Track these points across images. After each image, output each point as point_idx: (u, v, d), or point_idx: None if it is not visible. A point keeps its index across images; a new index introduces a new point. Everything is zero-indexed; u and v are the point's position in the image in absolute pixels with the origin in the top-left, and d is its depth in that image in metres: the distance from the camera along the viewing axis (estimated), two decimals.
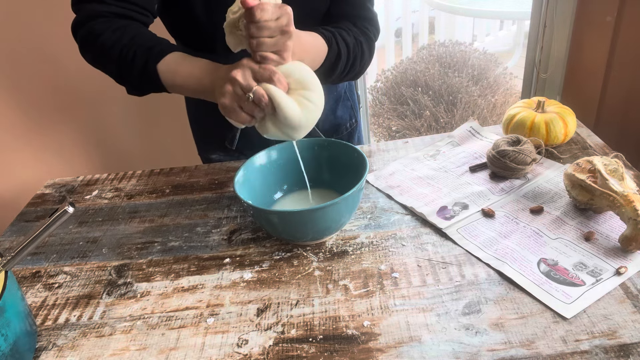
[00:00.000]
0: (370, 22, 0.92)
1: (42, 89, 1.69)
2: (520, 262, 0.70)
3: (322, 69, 0.84)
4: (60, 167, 1.84)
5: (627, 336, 0.58)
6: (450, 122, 2.46)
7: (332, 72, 0.87)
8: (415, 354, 0.59)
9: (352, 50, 0.87)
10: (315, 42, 0.81)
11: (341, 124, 1.13)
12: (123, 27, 0.79)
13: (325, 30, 0.84)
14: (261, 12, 0.64)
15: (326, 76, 0.87)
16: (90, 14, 0.80)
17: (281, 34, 0.68)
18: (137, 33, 0.79)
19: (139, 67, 0.77)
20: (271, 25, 0.66)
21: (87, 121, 1.79)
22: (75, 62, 1.63)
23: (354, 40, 0.87)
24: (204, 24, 0.87)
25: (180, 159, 1.38)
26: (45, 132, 1.78)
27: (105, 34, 0.78)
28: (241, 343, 0.64)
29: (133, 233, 0.88)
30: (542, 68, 1.47)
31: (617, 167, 0.75)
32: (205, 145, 1.14)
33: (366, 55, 0.91)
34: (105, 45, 0.78)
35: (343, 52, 0.85)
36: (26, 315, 0.66)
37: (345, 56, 0.86)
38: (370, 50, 0.92)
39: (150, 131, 1.84)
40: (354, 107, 1.15)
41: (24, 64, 1.64)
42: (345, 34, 0.86)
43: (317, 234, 0.77)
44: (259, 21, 0.65)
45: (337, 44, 0.84)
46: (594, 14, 1.31)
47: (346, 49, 0.86)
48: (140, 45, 0.77)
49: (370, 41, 0.92)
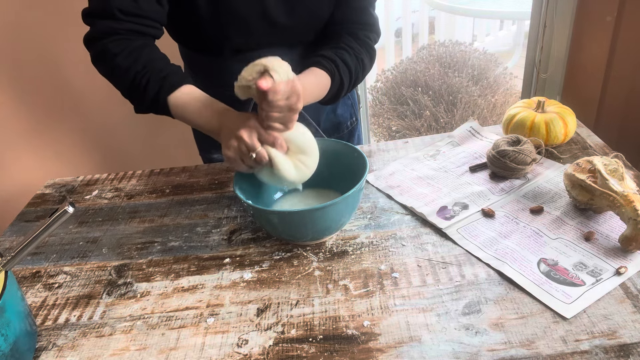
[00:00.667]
0: (372, 28, 0.94)
1: (42, 89, 1.69)
2: (520, 262, 0.70)
3: (326, 98, 0.88)
4: (61, 167, 1.84)
5: (627, 336, 0.58)
6: (450, 122, 2.46)
7: (337, 98, 0.91)
8: (415, 354, 0.59)
9: (355, 71, 0.90)
10: (318, 81, 0.84)
11: (342, 122, 1.13)
12: (138, 49, 0.80)
13: (326, 60, 0.86)
14: (274, 95, 0.68)
15: (330, 102, 0.91)
16: (105, 30, 0.80)
17: (289, 110, 0.71)
18: (150, 59, 0.81)
19: (151, 96, 0.80)
20: (281, 105, 0.70)
21: (87, 121, 1.79)
22: (75, 62, 1.64)
23: (356, 60, 0.90)
24: (210, 27, 0.87)
25: (180, 159, 1.38)
26: (45, 132, 1.78)
27: (120, 56, 0.79)
28: (241, 343, 0.64)
29: (133, 233, 0.88)
30: (542, 68, 1.47)
31: (617, 167, 0.75)
32: (206, 145, 1.14)
33: (367, 68, 0.94)
34: (119, 67, 0.80)
35: (346, 79, 0.88)
36: (26, 315, 0.66)
37: (348, 81, 0.89)
38: (371, 60, 0.94)
39: (151, 131, 1.84)
40: (354, 106, 1.16)
41: (24, 64, 1.64)
42: (347, 56, 0.88)
43: (317, 234, 0.77)
44: (271, 102, 0.68)
45: (340, 74, 0.87)
46: (594, 14, 1.31)
47: (348, 75, 0.88)
48: (153, 74, 0.79)
49: (371, 51, 0.94)
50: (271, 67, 0.69)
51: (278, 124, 0.72)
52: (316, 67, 0.85)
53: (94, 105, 1.75)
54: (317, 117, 1.06)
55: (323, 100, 0.88)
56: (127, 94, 0.84)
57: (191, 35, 0.93)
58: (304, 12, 0.89)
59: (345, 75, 0.88)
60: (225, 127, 0.76)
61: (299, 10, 0.88)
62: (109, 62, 0.81)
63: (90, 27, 0.82)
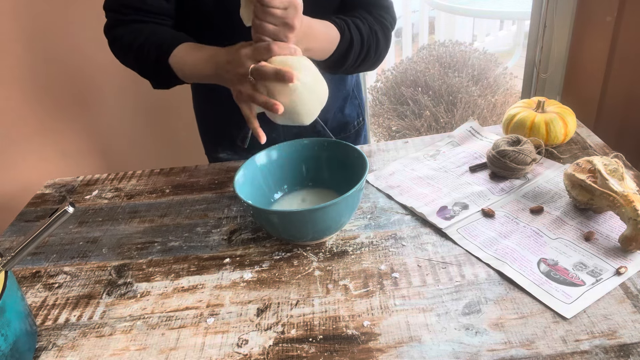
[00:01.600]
0: (387, 10, 0.91)
1: (42, 89, 1.69)
2: (520, 262, 0.70)
3: (334, 57, 0.84)
4: (60, 167, 1.84)
5: (627, 336, 0.58)
6: (450, 122, 2.46)
7: (345, 60, 0.87)
8: (415, 354, 0.59)
9: (367, 39, 0.86)
10: (327, 30, 0.81)
11: (349, 122, 1.13)
12: (139, 28, 0.85)
13: (338, 18, 0.84)
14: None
15: (339, 65, 0.87)
16: (113, 22, 0.88)
17: (283, 25, 0.68)
18: (151, 32, 0.84)
19: (153, 63, 0.82)
20: (276, 13, 0.67)
21: (87, 121, 1.79)
22: (76, 62, 1.64)
23: (369, 29, 0.87)
24: (214, 16, 0.87)
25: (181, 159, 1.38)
26: (45, 132, 1.78)
27: (125, 37, 0.86)
28: (241, 343, 0.64)
29: (133, 233, 0.88)
30: (542, 68, 1.47)
31: (617, 167, 0.75)
32: (213, 145, 1.14)
33: (382, 44, 0.90)
34: (124, 46, 0.86)
35: (356, 41, 0.85)
36: (26, 315, 0.66)
37: (359, 45, 0.86)
38: (386, 39, 0.91)
39: (151, 131, 1.84)
40: (361, 106, 1.16)
41: (25, 64, 1.64)
42: (360, 23, 0.86)
43: (317, 234, 0.77)
44: (267, 5, 0.66)
45: (350, 32, 0.84)
46: (594, 14, 1.31)
47: (360, 38, 0.85)
48: (152, 43, 0.82)
49: (386, 30, 0.91)
50: None
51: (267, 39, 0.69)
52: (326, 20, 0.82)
53: (94, 105, 1.75)
54: (324, 116, 1.06)
55: (329, 60, 0.84)
56: (138, 70, 0.87)
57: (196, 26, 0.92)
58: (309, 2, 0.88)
59: (356, 36, 0.84)
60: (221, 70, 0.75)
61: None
62: (118, 44, 0.87)
63: (106, 18, 0.90)
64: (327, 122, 1.07)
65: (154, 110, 1.77)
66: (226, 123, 1.04)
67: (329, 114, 1.08)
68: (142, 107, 1.77)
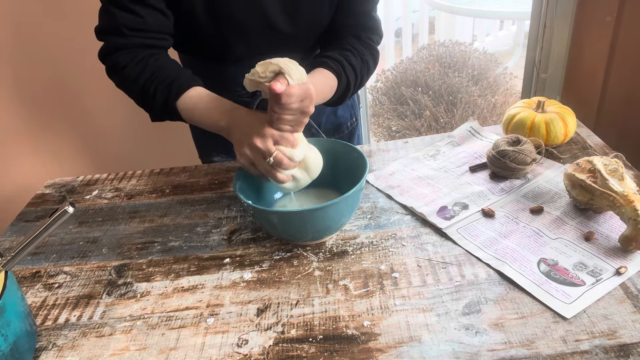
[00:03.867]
0: (375, 31, 0.93)
1: (43, 89, 1.69)
2: (520, 262, 0.70)
3: (333, 99, 0.87)
4: (61, 167, 1.84)
5: (627, 336, 0.58)
6: (450, 122, 2.46)
7: (343, 99, 0.91)
8: (415, 354, 0.59)
9: (360, 72, 0.89)
10: (326, 81, 0.84)
11: (342, 123, 1.14)
12: (145, 59, 0.82)
13: (333, 61, 0.86)
14: (288, 98, 0.67)
15: (336, 103, 0.91)
16: (114, 45, 0.83)
17: (301, 114, 0.71)
18: (158, 66, 0.82)
19: (160, 103, 0.81)
20: (294, 107, 0.69)
21: (87, 121, 1.79)
22: (76, 62, 1.64)
23: (361, 61, 0.89)
24: (210, 36, 0.87)
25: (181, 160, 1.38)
26: (45, 132, 1.78)
27: (129, 67, 0.82)
28: (241, 343, 0.64)
29: (133, 233, 0.88)
30: (542, 68, 1.47)
31: (617, 167, 0.75)
32: (206, 149, 1.14)
33: (371, 69, 0.94)
34: (129, 78, 0.82)
35: (352, 80, 0.88)
36: (26, 315, 0.66)
37: (354, 82, 0.89)
38: (375, 61, 0.94)
39: (151, 132, 1.83)
40: (354, 106, 1.16)
41: (25, 64, 1.64)
42: (352, 58, 0.88)
43: (317, 234, 0.77)
44: (284, 104, 0.68)
45: (346, 75, 0.86)
46: (594, 14, 1.31)
47: (354, 76, 0.88)
48: (161, 82, 0.80)
49: (374, 52, 0.94)
50: (286, 70, 0.68)
51: (288, 126, 0.72)
52: (323, 67, 0.84)
53: (94, 105, 1.75)
54: (317, 119, 1.06)
55: (330, 102, 0.88)
56: (140, 103, 0.85)
57: (192, 43, 0.93)
58: (305, 19, 0.89)
59: (352, 76, 0.88)
60: (235, 126, 0.76)
61: (299, 17, 0.88)
62: (119, 74, 0.83)
63: (103, 42, 0.85)
64: (320, 124, 1.07)
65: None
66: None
67: (322, 116, 1.09)
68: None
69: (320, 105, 0.83)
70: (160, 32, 0.84)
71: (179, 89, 0.80)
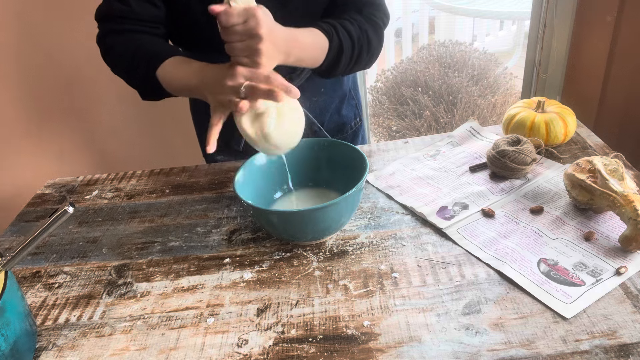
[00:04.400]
0: (377, 7, 0.90)
1: (43, 89, 1.69)
2: (520, 262, 0.70)
3: (325, 63, 0.84)
4: (61, 167, 1.84)
5: (627, 336, 0.58)
6: (450, 122, 2.46)
7: (337, 65, 0.86)
8: (415, 354, 0.59)
9: (357, 40, 0.85)
10: (314, 39, 0.80)
11: (346, 123, 1.13)
12: (132, 39, 0.85)
13: (325, 24, 0.83)
14: (226, 17, 0.66)
15: (332, 69, 0.87)
16: (107, 31, 0.88)
17: (250, 37, 0.67)
18: (141, 43, 0.85)
19: (142, 75, 0.83)
20: (238, 30, 0.67)
21: (87, 121, 1.79)
22: (76, 62, 1.64)
23: (359, 29, 0.86)
24: (203, 25, 0.87)
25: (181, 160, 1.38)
26: (45, 132, 1.78)
27: (117, 48, 0.86)
28: (241, 343, 0.64)
29: (133, 233, 0.88)
30: (542, 68, 1.47)
31: (617, 167, 0.75)
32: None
33: (374, 43, 0.89)
34: (115, 57, 0.87)
35: (346, 45, 0.84)
36: (26, 315, 0.66)
37: (350, 49, 0.85)
38: (378, 37, 0.90)
39: (151, 131, 1.84)
40: (358, 106, 1.15)
41: (25, 63, 1.64)
42: (349, 25, 0.85)
43: (317, 234, 0.77)
44: (226, 26, 0.66)
45: (339, 37, 0.83)
46: (594, 14, 1.31)
47: (350, 42, 0.84)
48: (142, 55, 0.83)
49: (377, 28, 0.90)
50: None
51: (245, 58, 0.69)
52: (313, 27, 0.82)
53: (94, 105, 1.75)
54: (321, 118, 1.06)
55: (322, 67, 0.84)
56: (128, 81, 0.87)
57: (186, 34, 0.93)
58: (299, 4, 0.87)
59: (346, 41, 0.84)
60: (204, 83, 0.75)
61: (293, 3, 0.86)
62: (110, 55, 0.87)
63: (98, 28, 0.89)
64: (323, 123, 1.07)
65: (154, 110, 1.77)
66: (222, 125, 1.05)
67: (326, 115, 1.08)
68: (143, 107, 1.76)
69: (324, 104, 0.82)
70: (150, 22, 0.87)
71: (157, 59, 0.81)
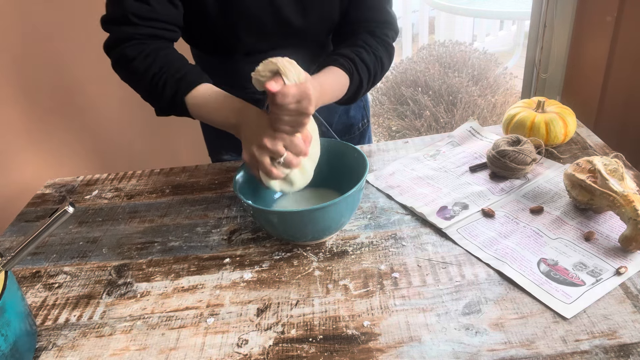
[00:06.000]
0: (390, 26, 0.92)
1: (43, 89, 1.69)
2: (520, 262, 0.70)
3: (345, 97, 0.86)
4: (61, 167, 1.84)
5: (627, 336, 0.58)
6: (450, 122, 2.46)
7: (355, 98, 0.89)
8: (415, 354, 0.59)
9: (373, 69, 0.88)
10: (337, 80, 0.82)
11: (354, 124, 1.13)
12: (154, 52, 0.80)
13: (345, 59, 0.84)
14: (283, 98, 0.66)
15: (348, 102, 0.89)
16: (121, 36, 0.81)
17: (299, 115, 0.69)
18: (167, 61, 0.81)
19: (169, 97, 0.80)
20: (291, 108, 0.68)
21: (87, 121, 1.79)
22: (76, 62, 1.64)
23: (374, 58, 0.88)
24: (220, 28, 0.87)
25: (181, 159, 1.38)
26: (45, 132, 1.77)
27: (137, 60, 0.80)
28: (241, 343, 0.64)
29: (133, 233, 0.88)
30: (542, 68, 1.47)
31: (617, 167, 0.75)
32: (217, 147, 1.14)
33: (386, 66, 0.92)
34: (137, 71, 0.80)
35: (364, 78, 0.86)
36: (26, 315, 0.66)
37: (367, 80, 0.87)
38: (389, 58, 0.92)
39: (151, 131, 1.84)
40: (365, 107, 1.16)
41: (25, 63, 1.64)
42: (365, 54, 0.86)
43: (317, 234, 0.77)
44: (280, 105, 0.67)
45: (359, 73, 0.85)
46: (594, 14, 1.31)
47: (367, 74, 0.87)
48: (170, 76, 0.79)
49: (390, 48, 0.92)
50: (283, 70, 0.67)
51: (287, 127, 0.71)
52: (334, 65, 0.83)
53: (94, 105, 1.75)
54: (329, 119, 1.06)
55: (341, 100, 0.86)
56: (147, 97, 0.84)
57: (202, 36, 0.92)
58: (316, 12, 0.88)
59: (364, 74, 0.86)
60: (245, 124, 0.74)
61: (310, 10, 0.87)
62: (126, 66, 0.81)
63: (109, 34, 0.82)
64: (331, 124, 1.07)
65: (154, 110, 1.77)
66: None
67: (334, 116, 1.08)
68: (143, 107, 1.76)
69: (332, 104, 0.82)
70: (168, 23, 0.83)
71: (189, 84, 0.79)
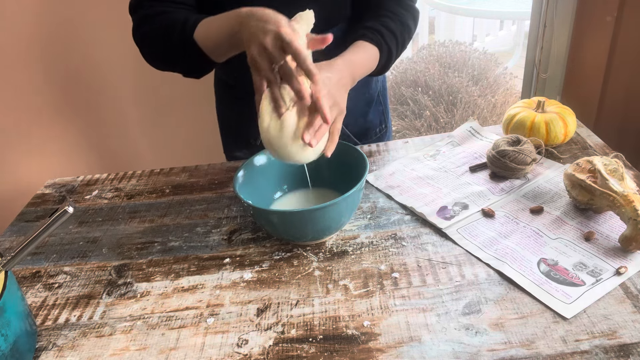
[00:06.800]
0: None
1: (43, 88, 1.69)
2: (520, 262, 0.70)
3: (377, 69, 0.87)
4: (61, 167, 1.84)
5: (627, 336, 0.58)
6: (450, 122, 2.46)
7: (386, 67, 0.90)
8: (415, 354, 0.59)
9: (401, 37, 0.88)
10: (367, 55, 0.83)
11: (371, 128, 1.12)
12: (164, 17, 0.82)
13: (370, 31, 0.84)
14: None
15: (380, 73, 0.90)
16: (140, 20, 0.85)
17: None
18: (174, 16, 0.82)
19: (179, 43, 0.79)
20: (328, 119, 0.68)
21: (87, 121, 1.79)
22: (77, 62, 1.64)
23: (400, 25, 0.88)
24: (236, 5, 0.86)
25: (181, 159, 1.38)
26: (45, 132, 1.78)
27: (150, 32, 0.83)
28: (241, 343, 0.64)
29: (133, 233, 0.88)
30: (542, 68, 1.47)
31: (617, 167, 0.75)
32: (232, 144, 1.14)
33: (412, 31, 0.92)
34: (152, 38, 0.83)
35: (393, 48, 0.87)
36: (26, 315, 0.66)
37: (395, 48, 0.88)
38: (415, 21, 0.93)
39: (151, 131, 1.84)
40: (385, 113, 1.14)
41: (25, 63, 1.64)
42: (391, 23, 0.86)
43: (317, 234, 0.77)
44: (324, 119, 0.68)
45: (387, 44, 0.85)
46: (594, 14, 1.31)
47: (395, 42, 0.87)
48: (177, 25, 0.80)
49: (414, 12, 0.93)
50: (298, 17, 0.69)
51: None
52: (362, 40, 0.83)
53: (94, 105, 1.75)
54: (346, 119, 1.04)
55: (373, 72, 0.87)
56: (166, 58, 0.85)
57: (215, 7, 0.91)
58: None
59: (392, 44, 0.86)
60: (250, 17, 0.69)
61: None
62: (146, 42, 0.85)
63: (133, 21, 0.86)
64: (348, 125, 1.05)
65: (154, 110, 1.77)
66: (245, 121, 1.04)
67: (350, 118, 1.06)
68: (143, 107, 1.77)
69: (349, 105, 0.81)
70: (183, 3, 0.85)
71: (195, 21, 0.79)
